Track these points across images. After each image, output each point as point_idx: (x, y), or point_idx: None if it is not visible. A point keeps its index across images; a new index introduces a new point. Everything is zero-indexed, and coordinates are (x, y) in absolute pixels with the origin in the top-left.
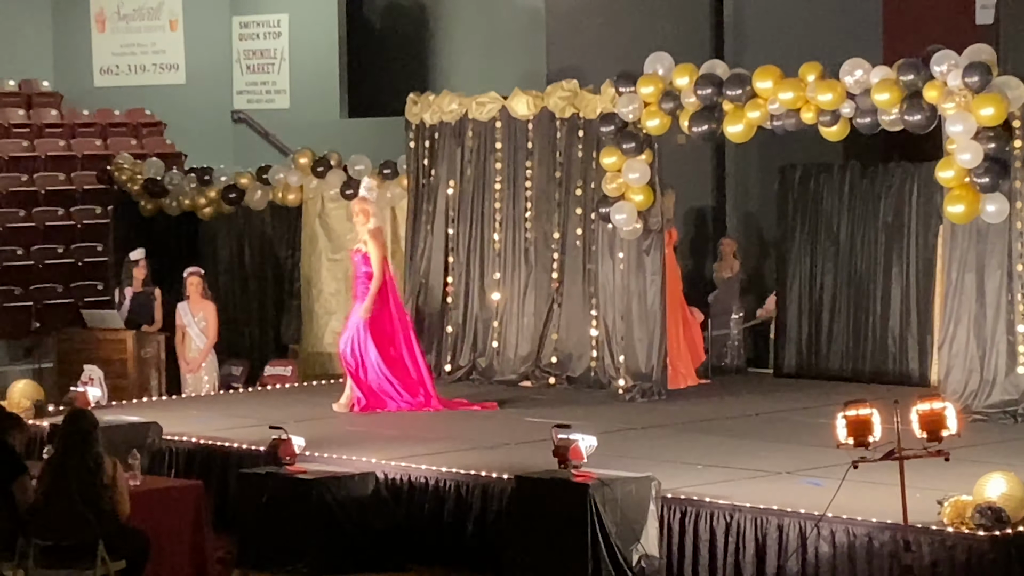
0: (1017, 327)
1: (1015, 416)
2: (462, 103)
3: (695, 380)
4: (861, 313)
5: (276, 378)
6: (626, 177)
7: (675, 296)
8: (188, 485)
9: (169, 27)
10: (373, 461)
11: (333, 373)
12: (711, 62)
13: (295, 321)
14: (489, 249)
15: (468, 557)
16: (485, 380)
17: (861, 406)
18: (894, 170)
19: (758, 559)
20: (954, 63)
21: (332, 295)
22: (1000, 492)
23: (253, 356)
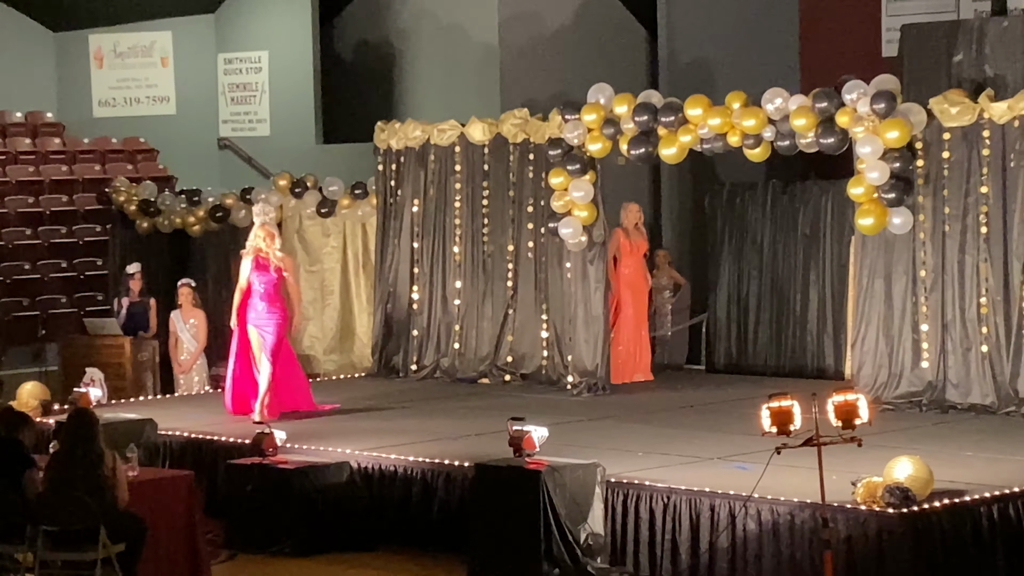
0: (921, 326)
1: (920, 406)
2: (425, 130)
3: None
4: (783, 315)
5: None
6: (572, 195)
7: (641, 300)
8: (181, 475)
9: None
10: (347, 452)
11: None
12: (647, 92)
13: None
14: (450, 261)
15: (433, 538)
16: (448, 379)
17: (783, 398)
18: (811, 187)
19: (692, 536)
20: (863, 91)
21: (309, 303)
22: (907, 474)
23: None
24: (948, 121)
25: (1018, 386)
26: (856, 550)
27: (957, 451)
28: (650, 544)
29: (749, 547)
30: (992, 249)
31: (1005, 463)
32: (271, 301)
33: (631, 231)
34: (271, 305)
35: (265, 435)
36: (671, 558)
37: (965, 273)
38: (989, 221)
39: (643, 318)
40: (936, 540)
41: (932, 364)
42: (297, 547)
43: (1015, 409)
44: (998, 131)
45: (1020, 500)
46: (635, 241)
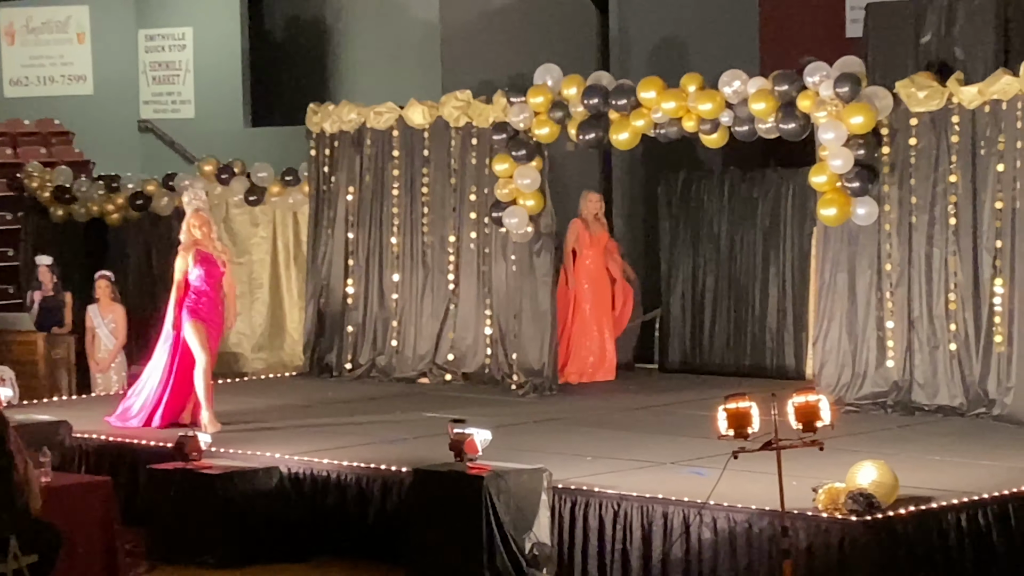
0: (886, 323)
1: (885, 407)
2: (360, 113)
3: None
4: (741, 311)
5: None
6: (517, 183)
7: (602, 295)
8: (98, 481)
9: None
10: (277, 456)
11: (239, 372)
12: (597, 74)
13: None
14: (388, 252)
15: (369, 548)
16: (385, 378)
17: (740, 399)
18: (770, 175)
19: (644, 545)
20: (826, 74)
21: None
22: (871, 479)
23: None
24: (915, 106)
25: (988, 386)
26: (817, 560)
27: (924, 455)
28: (599, 554)
29: (704, 557)
30: (961, 241)
31: (974, 468)
32: (217, 299)
33: (591, 222)
34: (217, 303)
35: (189, 438)
36: (621, 569)
37: (933, 267)
38: (958, 212)
39: (605, 314)
40: (901, 549)
41: (898, 363)
42: (223, 558)
43: (985, 411)
44: (968, 116)
45: (990, 507)
46: (595, 232)
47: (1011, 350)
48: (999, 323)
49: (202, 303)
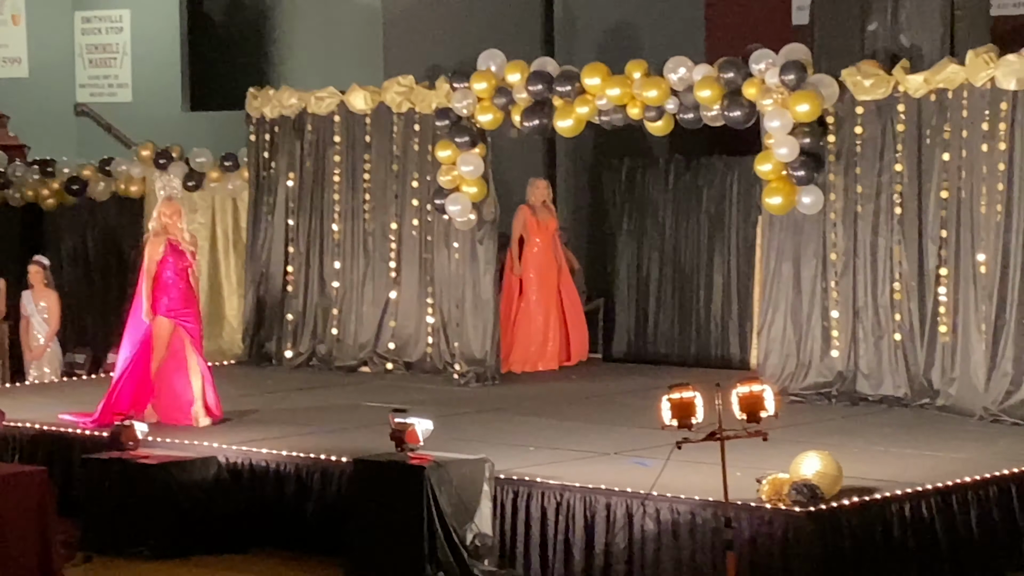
0: (831, 313)
1: (829, 397)
2: (301, 98)
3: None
4: (685, 300)
5: None
6: (460, 170)
7: (549, 283)
8: (32, 471)
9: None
10: (215, 446)
11: None
12: (542, 59)
13: None
14: (328, 239)
15: (308, 539)
16: (325, 366)
17: (684, 389)
18: (716, 164)
19: (587, 536)
20: (772, 62)
21: None
22: (815, 470)
23: (97, 344)
24: (861, 94)
25: (932, 377)
26: (760, 551)
27: (867, 446)
28: (541, 545)
29: (647, 548)
30: (906, 231)
31: (918, 458)
32: (188, 290)
33: (539, 208)
34: (189, 294)
35: (124, 428)
36: (564, 560)
37: (878, 256)
38: (903, 201)
39: (552, 302)
40: (845, 540)
41: (842, 353)
42: (159, 549)
43: (929, 401)
44: (913, 105)
45: (933, 498)
46: (543, 219)
47: (955, 340)
48: (944, 313)
49: (175, 297)
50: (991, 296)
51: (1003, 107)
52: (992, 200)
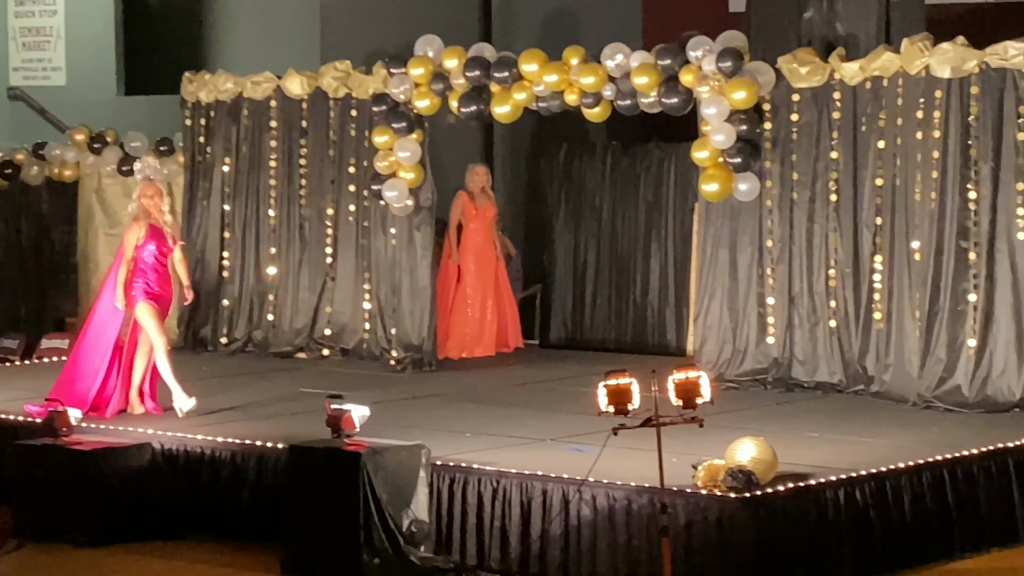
0: (767, 300)
1: (765, 384)
2: (237, 82)
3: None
4: (622, 287)
5: (53, 351)
6: (397, 156)
7: (487, 270)
8: None
9: None
10: (149, 432)
11: None
12: (479, 45)
13: (72, 295)
14: (264, 225)
15: (244, 525)
16: (261, 352)
17: (621, 375)
18: (653, 150)
19: (523, 522)
20: (709, 49)
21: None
22: (750, 456)
23: (30, 330)
24: (797, 82)
25: (867, 363)
26: (696, 536)
27: (803, 432)
28: (478, 531)
29: (583, 534)
30: (842, 218)
31: (852, 445)
32: (167, 275)
33: (477, 195)
34: (168, 279)
35: (58, 413)
36: (500, 546)
37: (813, 243)
38: (839, 188)
39: (490, 289)
40: (779, 526)
41: (778, 340)
42: (93, 536)
43: (863, 388)
44: (849, 93)
45: (867, 484)
46: (482, 206)
47: (890, 327)
48: (878, 300)
49: (154, 281)
50: (925, 283)
51: (938, 95)
52: (926, 188)
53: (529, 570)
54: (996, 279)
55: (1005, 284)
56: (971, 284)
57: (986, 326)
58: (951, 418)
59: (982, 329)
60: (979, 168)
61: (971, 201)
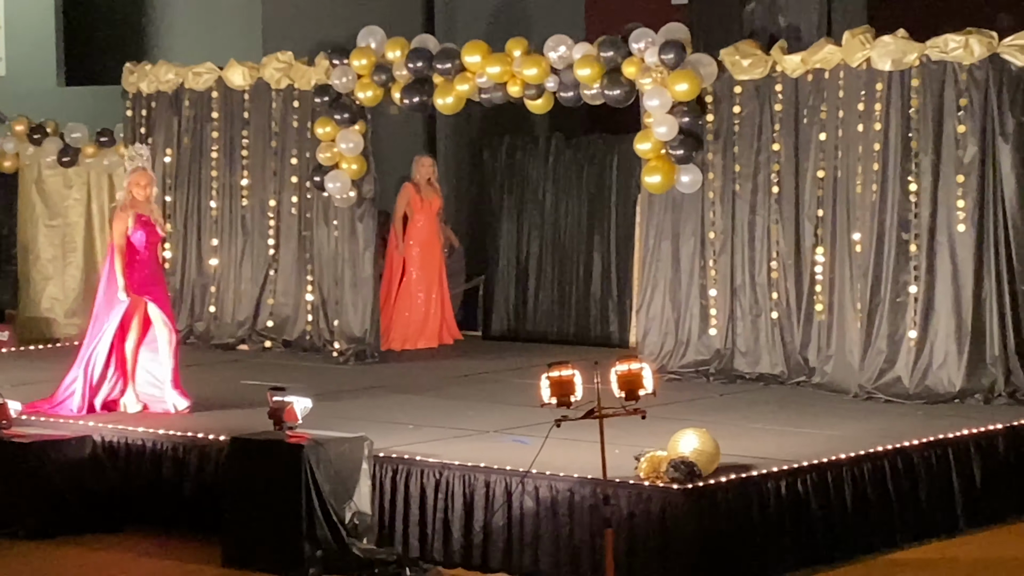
0: (709, 291)
1: (707, 375)
2: (179, 73)
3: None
4: (565, 278)
5: None
6: (340, 147)
7: (432, 261)
8: None
9: None
10: (90, 424)
11: (51, 338)
12: (422, 36)
13: (11, 287)
14: (206, 216)
15: (186, 518)
16: (203, 344)
17: (563, 367)
18: (596, 142)
19: (466, 514)
20: (651, 41)
21: (49, 261)
22: (692, 447)
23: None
24: (739, 74)
25: (808, 354)
26: (638, 528)
27: (745, 423)
28: (421, 523)
29: (526, 525)
30: (784, 210)
31: (794, 436)
32: (158, 267)
33: (423, 186)
34: (158, 271)
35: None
36: (443, 538)
37: (755, 235)
38: (781, 180)
39: (434, 280)
40: (721, 517)
41: (720, 331)
42: (33, 529)
43: (805, 379)
44: (791, 85)
45: (809, 475)
46: (427, 197)
47: (831, 318)
48: (820, 292)
49: (140, 272)
50: (866, 275)
51: (879, 87)
52: (868, 180)
53: (472, 562)
54: (936, 271)
55: (945, 276)
56: (912, 276)
57: (926, 318)
58: (891, 409)
59: (922, 321)
60: (919, 160)
61: (912, 193)
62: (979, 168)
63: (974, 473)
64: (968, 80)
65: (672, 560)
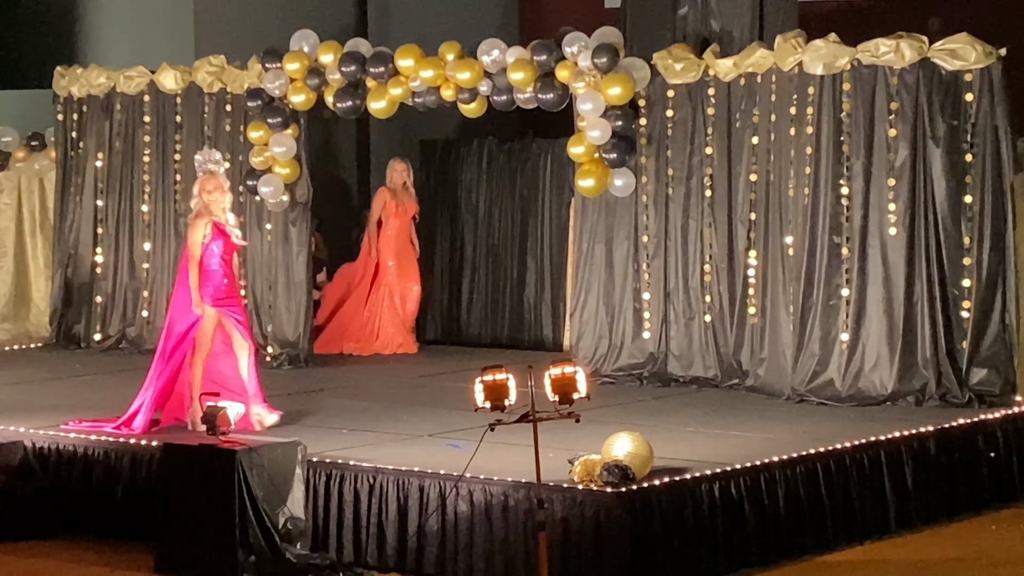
0: (643, 295)
1: (640, 378)
2: (110, 77)
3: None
4: (499, 282)
5: None
6: (273, 151)
7: (408, 267)
8: None
9: None
10: (21, 430)
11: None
12: (355, 40)
13: None
14: (138, 221)
15: (118, 524)
16: (135, 349)
17: (497, 371)
18: (529, 145)
19: (400, 518)
20: (584, 45)
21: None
22: (626, 451)
23: None
24: (672, 78)
25: (741, 358)
26: (572, 531)
27: (678, 426)
28: (355, 528)
29: (460, 530)
30: (716, 213)
31: (727, 439)
32: (233, 277)
33: (399, 191)
34: (234, 282)
35: None
36: (377, 542)
37: (688, 238)
38: (713, 184)
39: (409, 286)
40: (655, 519)
41: (654, 335)
42: None
43: (738, 382)
44: (724, 89)
45: (742, 477)
46: (402, 202)
47: (764, 322)
48: (752, 295)
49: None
50: (799, 278)
51: (811, 91)
52: (800, 183)
53: (406, 566)
54: (868, 274)
55: (877, 279)
56: (844, 279)
57: (858, 320)
58: (823, 412)
59: (854, 323)
60: (851, 164)
61: (844, 197)
62: (910, 172)
63: (906, 475)
64: (899, 84)
65: (606, 563)
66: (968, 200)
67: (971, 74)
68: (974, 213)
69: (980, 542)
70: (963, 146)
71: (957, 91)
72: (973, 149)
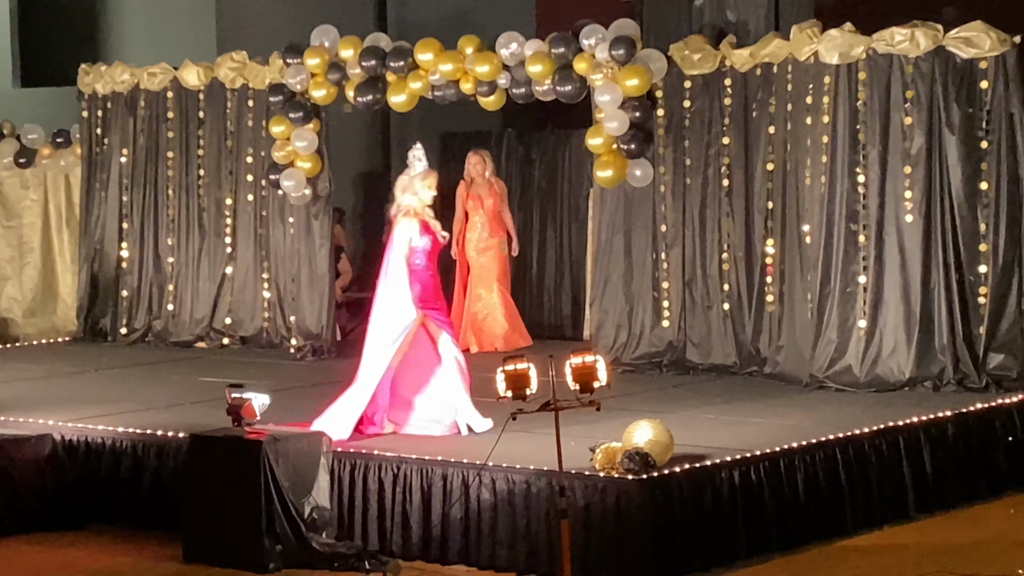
0: (661, 284)
1: (660, 367)
2: (134, 74)
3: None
4: (519, 273)
5: None
6: (294, 145)
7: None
8: None
9: None
10: (50, 423)
11: (10, 337)
12: (375, 35)
13: None
14: (163, 215)
15: (146, 515)
16: (160, 342)
17: (518, 361)
18: (548, 137)
19: (424, 507)
20: (601, 37)
21: (7, 262)
22: (647, 438)
23: None
24: (689, 69)
25: (760, 345)
26: (594, 518)
27: (698, 414)
28: (379, 516)
29: (484, 517)
30: (734, 203)
31: (746, 425)
32: (438, 279)
33: (478, 182)
34: (439, 284)
35: None
36: (402, 531)
37: (707, 228)
38: (731, 174)
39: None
40: (675, 506)
41: (673, 323)
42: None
43: (756, 369)
44: (740, 79)
45: (761, 464)
46: (478, 194)
47: (781, 309)
48: (770, 283)
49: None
50: (816, 266)
51: (826, 81)
52: (816, 172)
53: (430, 554)
54: (885, 261)
55: (894, 266)
56: (861, 266)
57: (876, 307)
58: (842, 398)
59: (872, 310)
60: (867, 152)
61: (860, 185)
62: (926, 159)
63: (924, 460)
64: (914, 72)
65: (627, 550)
66: (984, 187)
67: (986, 62)
68: (990, 200)
69: (998, 526)
70: (978, 133)
71: (972, 79)
72: (988, 136)
